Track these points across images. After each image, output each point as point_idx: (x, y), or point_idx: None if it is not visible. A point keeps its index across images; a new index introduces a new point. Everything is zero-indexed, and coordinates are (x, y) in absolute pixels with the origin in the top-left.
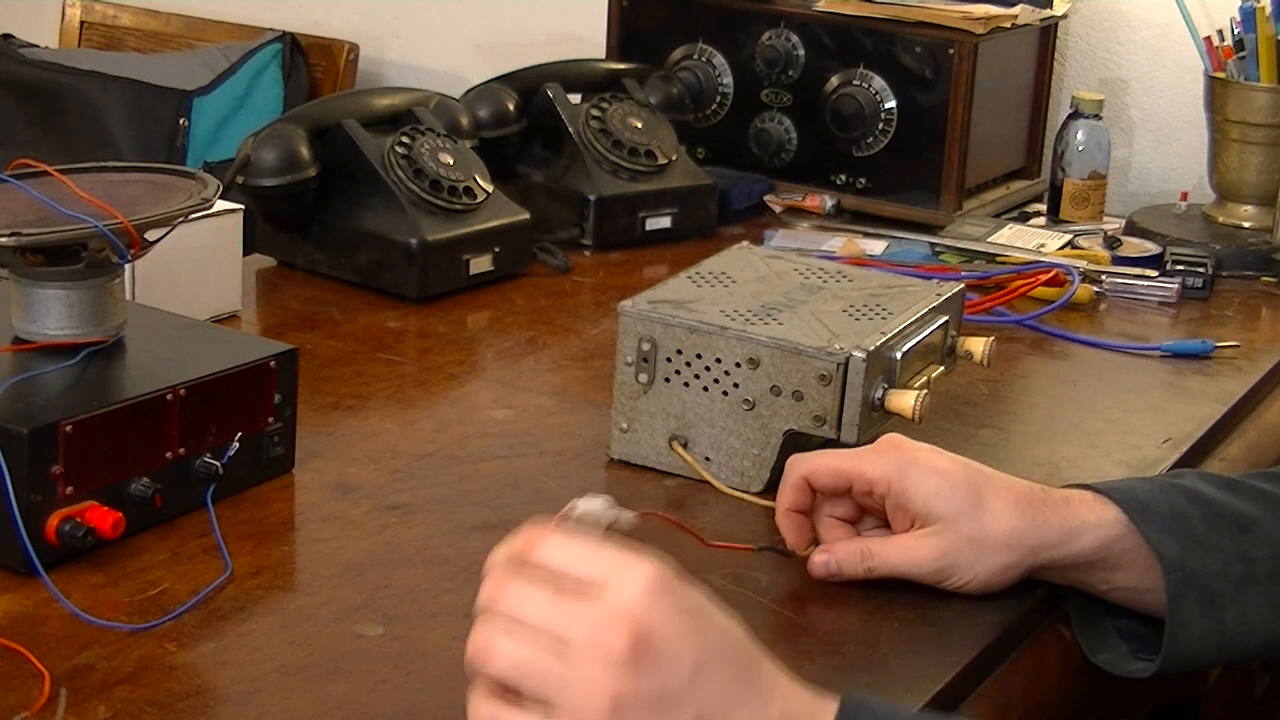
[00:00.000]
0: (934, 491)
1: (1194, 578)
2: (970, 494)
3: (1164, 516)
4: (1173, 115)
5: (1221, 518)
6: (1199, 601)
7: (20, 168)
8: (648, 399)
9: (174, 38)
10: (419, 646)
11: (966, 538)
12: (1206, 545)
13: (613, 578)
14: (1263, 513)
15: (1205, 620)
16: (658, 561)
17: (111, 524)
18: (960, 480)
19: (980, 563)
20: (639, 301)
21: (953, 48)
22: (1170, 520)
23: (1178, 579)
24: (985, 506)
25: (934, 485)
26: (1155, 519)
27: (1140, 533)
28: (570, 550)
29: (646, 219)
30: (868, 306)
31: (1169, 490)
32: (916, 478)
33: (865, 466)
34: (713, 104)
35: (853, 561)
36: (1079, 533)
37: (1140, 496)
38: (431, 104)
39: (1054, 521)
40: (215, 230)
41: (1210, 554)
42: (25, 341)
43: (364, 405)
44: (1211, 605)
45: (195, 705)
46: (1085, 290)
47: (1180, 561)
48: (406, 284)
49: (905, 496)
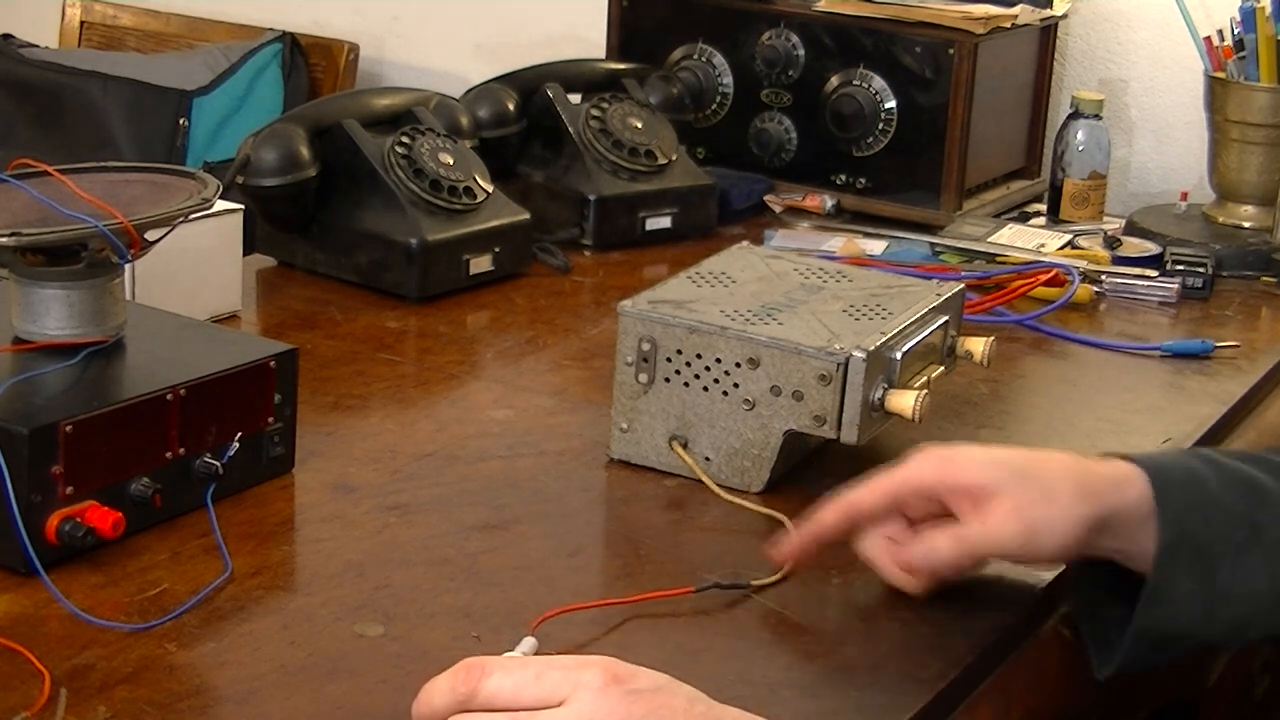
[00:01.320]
0: (987, 462)
1: (1190, 536)
2: (1021, 462)
3: (1176, 475)
4: (1173, 115)
5: (1235, 479)
6: (1190, 559)
7: (20, 168)
8: (648, 399)
9: (174, 38)
10: (419, 646)
11: (1036, 494)
12: (1215, 503)
13: (567, 692)
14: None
15: (1193, 577)
16: (602, 658)
17: (111, 524)
18: (1004, 452)
19: (1058, 518)
20: (639, 301)
21: (953, 48)
22: (1181, 476)
23: (1173, 536)
24: (1041, 468)
25: (983, 458)
26: (1167, 475)
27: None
28: (515, 677)
29: (646, 219)
30: (868, 306)
31: (1186, 454)
32: (963, 459)
33: (911, 471)
34: (713, 104)
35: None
36: (1124, 484)
37: (1157, 457)
38: (431, 104)
39: (1104, 473)
40: (215, 230)
41: (1215, 512)
42: (25, 341)
43: (364, 405)
44: (1201, 563)
45: (195, 705)
46: (1085, 290)
47: (1181, 517)
48: (406, 284)
49: (959, 477)
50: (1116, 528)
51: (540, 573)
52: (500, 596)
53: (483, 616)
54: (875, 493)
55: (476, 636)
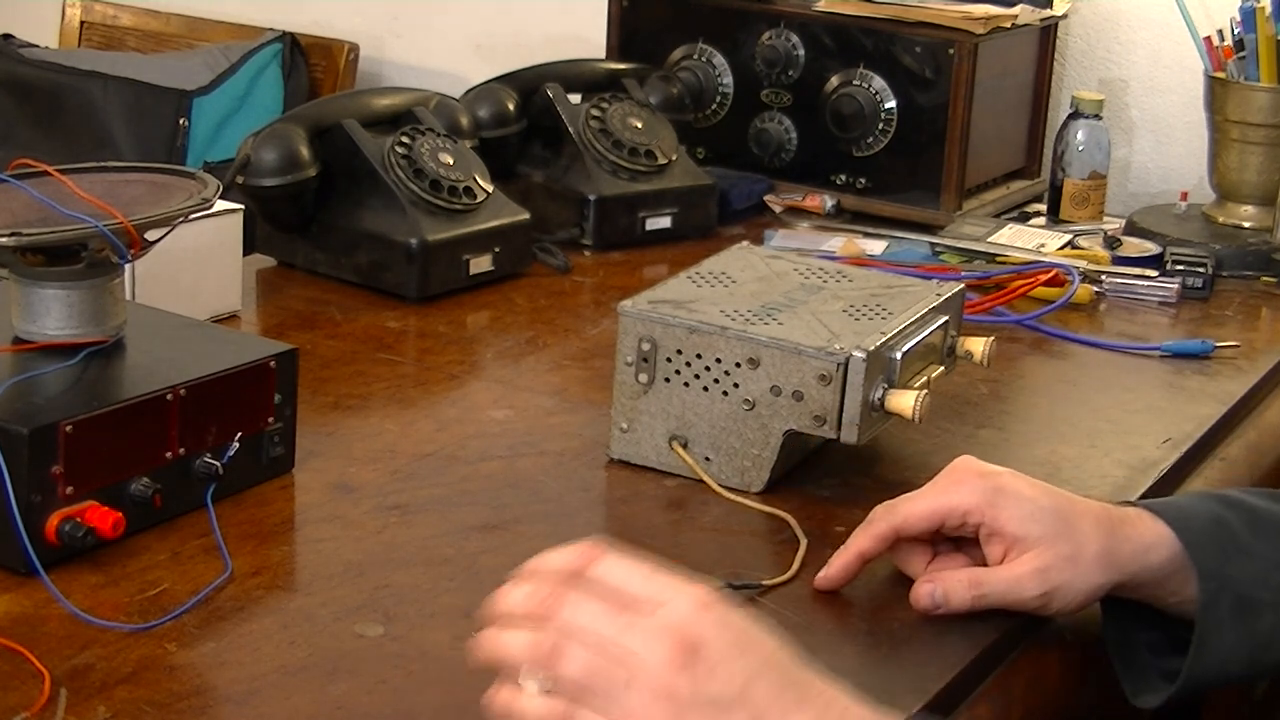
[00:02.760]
0: (1028, 514)
1: (1229, 584)
2: (1059, 516)
3: (1204, 525)
4: (1173, 115)
5: (1263, 523)
6: (1231, 608)
7: (20, 168)
8: (648, 399)
9: (174, 38)
10: (419, 646)
11: (1064, 557)
12: (1247, 551)
13: (666, 597)
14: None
15: (1237, 628)
16: (706, 587)
17: (111, 524)
18: (1047, 503)
19: (1078, 582)
20: (639, 301)
21: (953, 48)
22: (1209, 527)
23: (1213, 587)
24: (1075, 526)
25: (1026, 508)
26: (1196, 528)
27: (1182, 543)
28: (626, 570)
29: (646, 219)
30: (868, 306)
31: (1209, 500)
32: (1007, 503)
33: (956, 500)
34: (713, 104)
35: (960, 591)
36: (1152, 549)
37: (1183, 507)
38: (431, 104)
39: (1133, 537)
40: (215, 230)
41: (1250, 560)
42: (25, 341)
43: (364, 405)
44: (1245, 611)
45: (195, 705)
46: (1085, 290)
47: (1218, 569)
48: (406, 284)
49: (999, 522)
50: (1138, 588)
51: None
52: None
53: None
54: (922, 518)
55: (477, 636)
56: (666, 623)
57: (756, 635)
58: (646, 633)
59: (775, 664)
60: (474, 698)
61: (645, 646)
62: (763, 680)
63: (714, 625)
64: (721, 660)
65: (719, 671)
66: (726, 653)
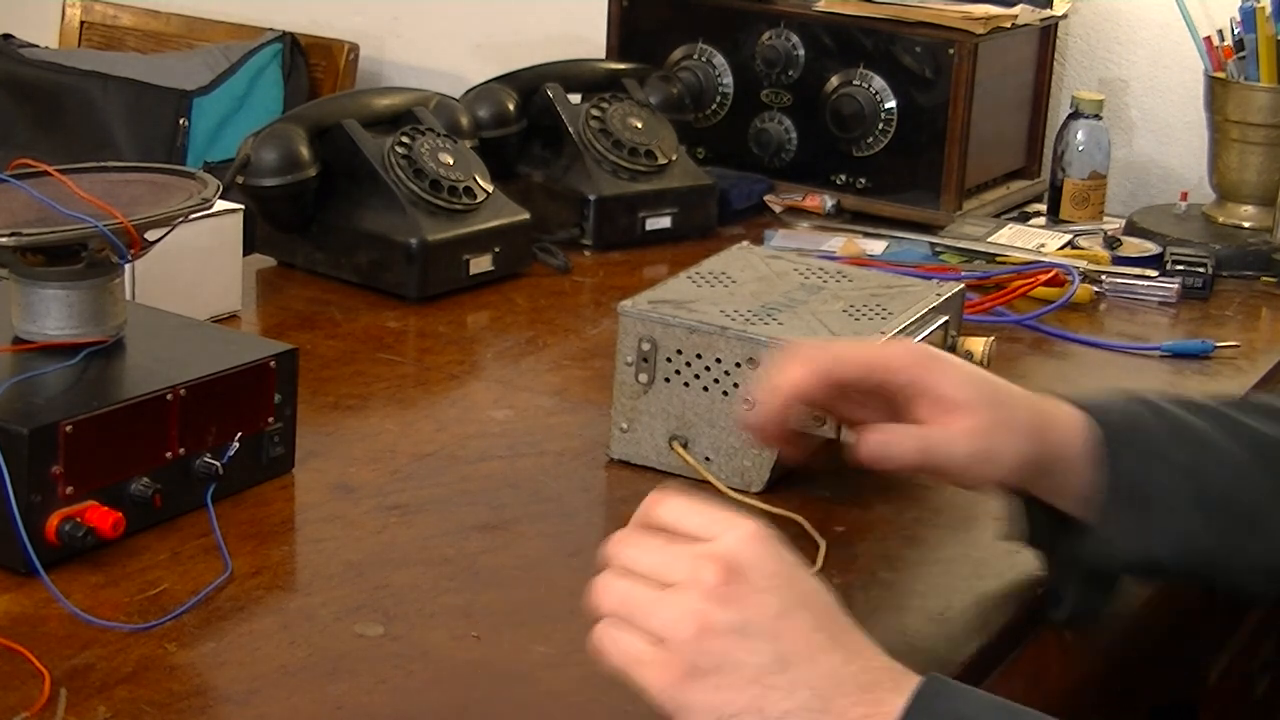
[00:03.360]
0: (962, 378)
1: (1139, 484)
2: (990, 383)
3: (1121, 422)
4: (1173, 115)
5: (1182, 431)
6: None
7: (20, 168)
8: (648, 399)
9: (174, 38)
10: (419, 646)
11: (996, 421)
12: (1162, 455)
13: (720, 530)
14: (1221, 436)
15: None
16: (763, 525)
17: (111, 524)
18: (980, 372)
19: (1009, 450)
20: (639, 301)
21: (953, 48)
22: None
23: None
24: (1006, 394)
25: (960, 373)
26: (1115, 422)
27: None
28: (685, 508)
29: (646, 219)
30: (868, 306)
31: (1133, 402)
32: (940, 365)
33: (890, 355)
34: (713, 104)
35: (906, 441)
36: (1072, 431)
37: (1104, 404)
38: (431, 104)
39: (1057, 415)
40: (215, 230)
41: (1163, 465)
42: (25, 341)
43: (364, 405)
44: (1142, 512)
45: (195, 705)
46: (1085, 290)
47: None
48: (406, 284)
49: (930, 383)
50: (1054, 470)
51: (540, 573)
52: (500, 596)
53: (483, 616)
54: (855, 362)
55: (476, 636)
56: (712, 550)
57: (799, 574)
58: (691, 559)
59: (811, 604)
60: (474, 698)
61: (691, 569)
62: (795, 616)
63: (760, 556)
64: (760, 589)
65: (753, 600)
66: (766, 583)
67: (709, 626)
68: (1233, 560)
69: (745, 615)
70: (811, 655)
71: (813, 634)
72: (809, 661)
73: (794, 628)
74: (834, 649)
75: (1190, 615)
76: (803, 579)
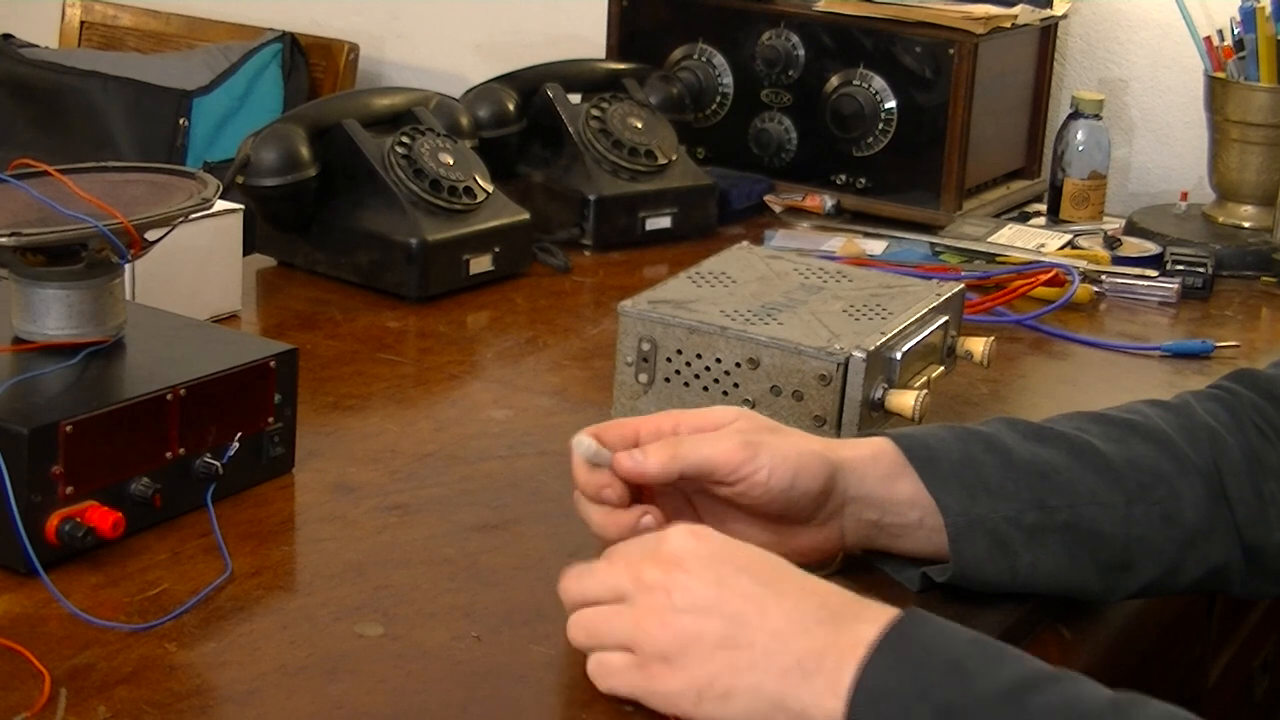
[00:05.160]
0: (734, 414)
1: (980, 522)
2: (769, 420)
3: (951, 463)
4: (1173, 115)
5: (1018, 465)
6: (989, 546)
7: (20, 168)
8: (648, 399)
9: (174, 38)
10: (419, 646)
11: (766, 427)
12: (999, 492)
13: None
14: (1067, 461)
15: (995, 564)
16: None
17: (111, 524)
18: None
19: (785, 445)
20: (639, 301)
21: (953, 48)
22: (958, 466)
23: (960, 523)
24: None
25: (729, 411)
26: (940, 464)
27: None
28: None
29: (646, 219)
30: (868, 306)
31: (965, 438)
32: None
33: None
34: (713, 104)
35: (658, 450)
36: (863, 443)
37: (929, 443)
38: (431, 104)
39: (855, 443)
40: (215, 230)
41: (1000, 501)
42: (25, 341)
43: (364, 405)
44: (1003, 550)
45: (195, 705)
46: (1085, 290)
47: (964, 507)
48: (406, 284)
49: (697, 419)
50: (856, 482)
51: (540, 573)
52: (500, 596)
53: (483, 616)
54: (618, 434)
55: (476, 636)
56: (652, 551)
57: (735, 549)
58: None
59: (751, 568)
60: (474, 697)
61: (634, 576)
62: (736, 583)
63: (693, 545)
64: (699, 571)
65: (695, 580)
66: (703, 564)
67: (664, 618)
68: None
69: (691, 597)
70: (762, 609)
71: (758, 591)
72: (760, 614)
73: (738, 592)
74: (782, 597)
75: (1190, 615)
76: (738, 550)
